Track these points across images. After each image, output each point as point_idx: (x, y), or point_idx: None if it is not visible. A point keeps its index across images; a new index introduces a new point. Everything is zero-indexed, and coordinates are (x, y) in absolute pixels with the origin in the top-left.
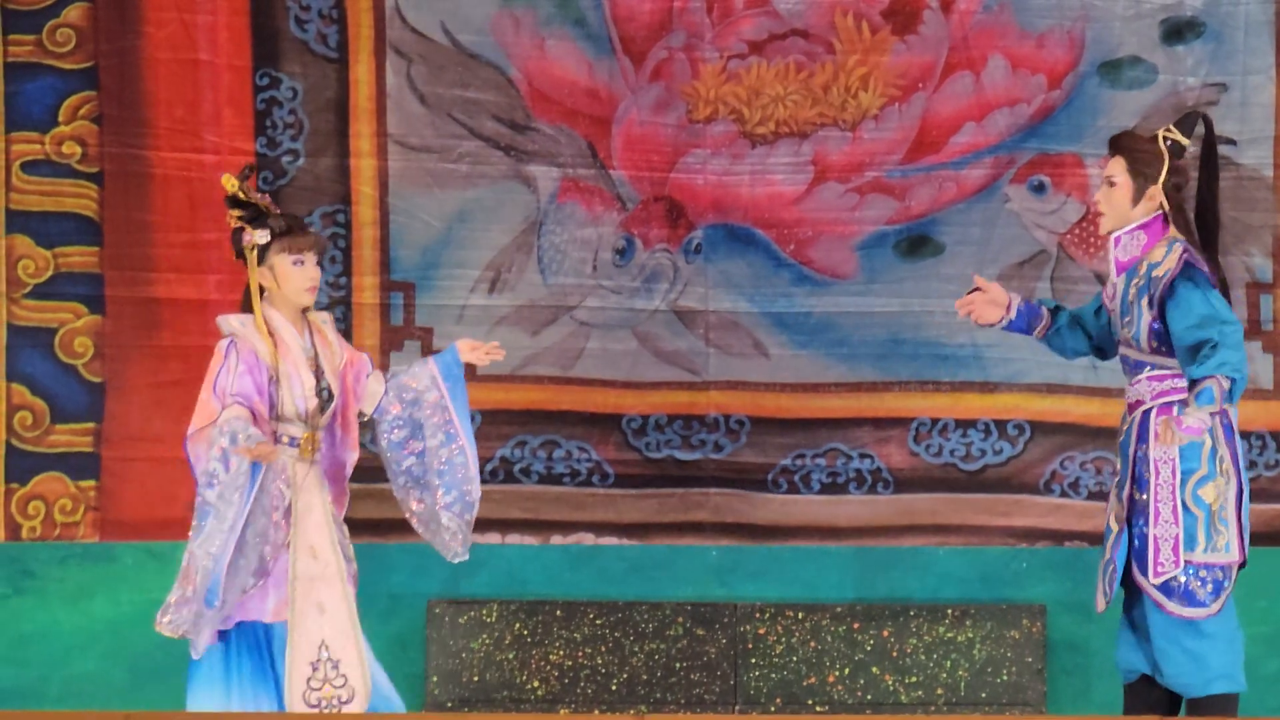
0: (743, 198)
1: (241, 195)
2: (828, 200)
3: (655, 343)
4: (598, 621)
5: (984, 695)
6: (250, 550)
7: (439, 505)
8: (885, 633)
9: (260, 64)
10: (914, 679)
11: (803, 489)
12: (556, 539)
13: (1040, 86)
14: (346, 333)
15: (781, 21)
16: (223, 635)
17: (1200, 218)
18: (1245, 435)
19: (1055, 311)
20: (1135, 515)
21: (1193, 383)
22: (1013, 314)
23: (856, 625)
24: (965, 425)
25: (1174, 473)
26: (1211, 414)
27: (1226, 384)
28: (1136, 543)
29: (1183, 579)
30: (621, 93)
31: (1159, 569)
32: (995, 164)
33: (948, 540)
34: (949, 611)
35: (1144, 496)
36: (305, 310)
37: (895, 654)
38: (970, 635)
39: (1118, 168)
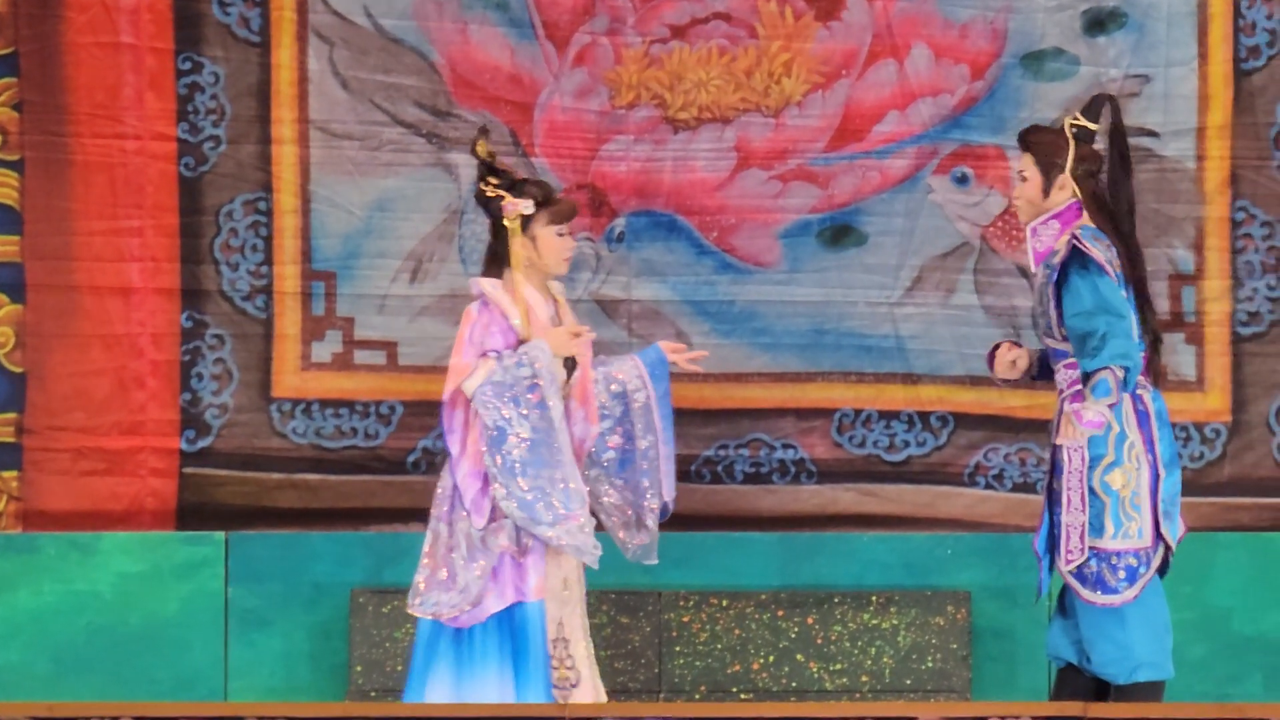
0: (665, 184)
1: (494, 161)
2: (750, 187)
3: None
4: None
5: (909, 682)
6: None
7: (645, 508)
8: (810, 620)
9: (182, 48)
10: (839, 666)
11: (726, 479)
12: None
13: (963, 77)
14: (268, 321)
15: (704, 5)
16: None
17: (1114, 201)
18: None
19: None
20: (1054, 503)
21: (1086, 376)
22: (1035, 370)
23: (781, 612)
24: (888, 416)
25: (1083, 460)
26: (1110, 405)
27: (1120, 373)
28: (1056, 530)
29: (1094, 566)
30: (544, 78)
31: (1069, 556)
32: (918, 154)
33: (872, 531)
34: (873, 598)
35: (1058, 483)
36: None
37: (820, 641)
38: (895, 622)
39: (1026, 162)
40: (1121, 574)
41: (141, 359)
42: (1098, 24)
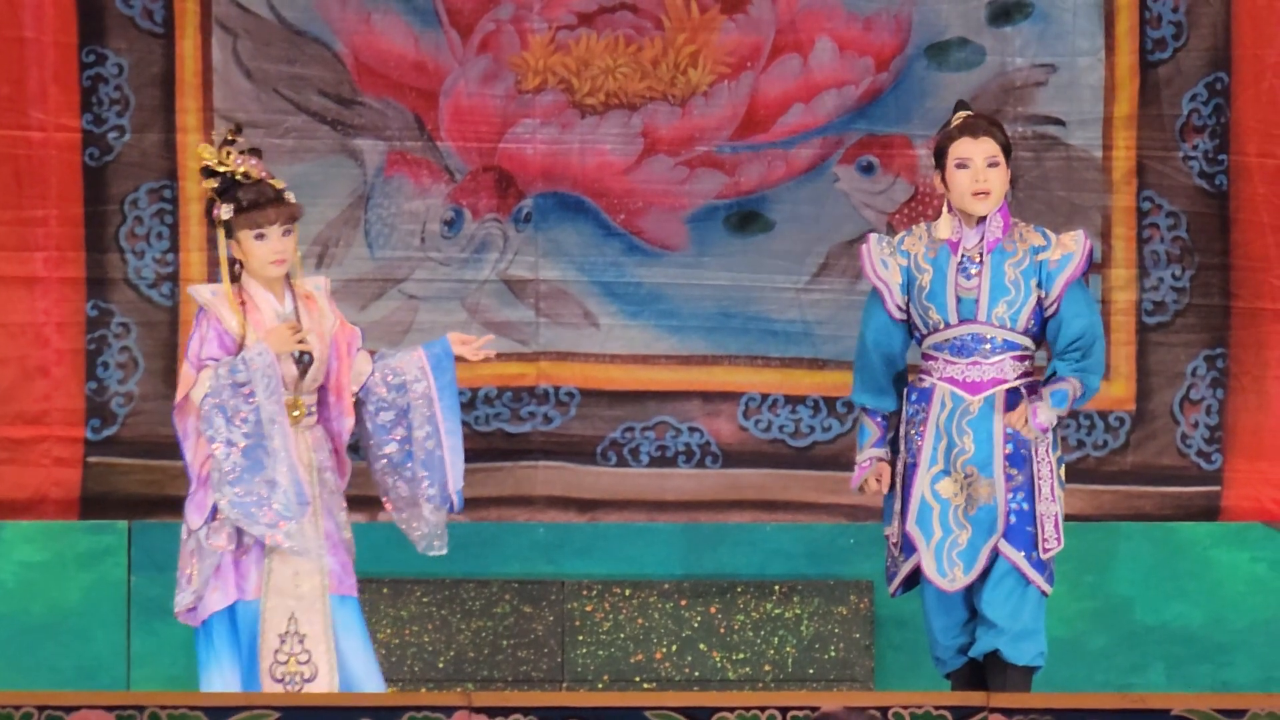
0: (572, 167)
1: (215, 165)
2: (658, 172)
3: (485, 314)
4: (424, 599)
5: (812, 671)
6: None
7: (422, 497)
8: (712, 609)
9: (86, 40)
10: (741, 655)
11: (631, 462)
12: (384, 516)
13: (868, 68)
14: (174, 308)
15: None
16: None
17: None
18: (1073, 415)
19: (889, 413)
20: (1012, 490)
21: (1050, 377)
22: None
23: (684, 602)
24: (794, 401)
25: (1048, 451)
26: (1059, 416)
27: (1079, 391)
28: (1014, 519)
29: (1052, 556)
30: (449, 65)
31: (1046, 545)
32: (824, 144)
33: (775, 516)
34: (776, 588)
35: (1019, 473)
36: (290, 278)
37: (723, 630)
38: (798, 611)
39: (996, 148)
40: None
41: (47, 348)
42: (1003, 14)
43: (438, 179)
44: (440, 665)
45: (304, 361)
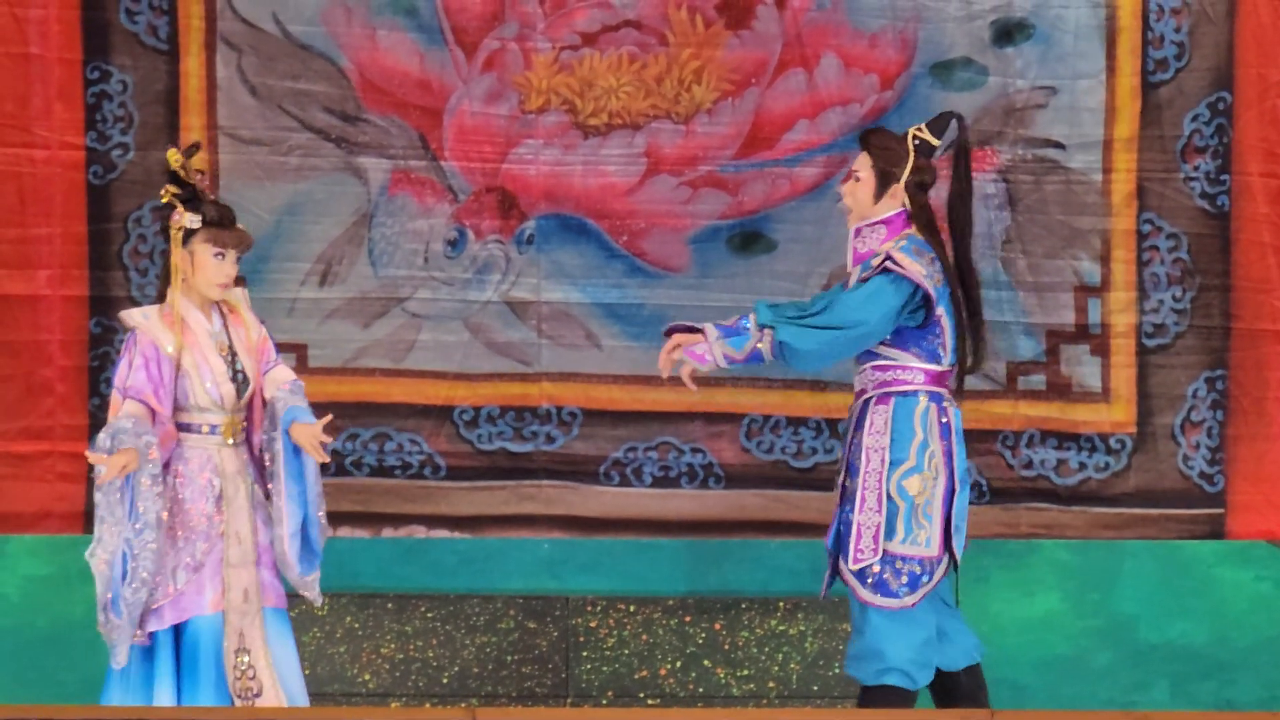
0: (575, 188)
1: (182, 173)
2: (660, 193)
3: (487, 334)
4: (429, 614)
5: (816, 688)
6: (182, 550)
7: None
8: (717, 625)
9: (91, 57)
10: (746, 672)
11: (634, 482)
12: (388, 532)
13: (873, 86)
14: None
15: (614, 13)
16: (152, 637)
17: (953, 218)
18: (1074, 438)
19: (750, 314)
20: (844, 501)
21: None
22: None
23: (688, 618)
24: (797, 423)
25: (882, 461)
26: (726, 356)
27: (769, 344)
28: (841, 529)
29: (878, 568)
30: (453, 83)
31: (858, 556)
32: (828, 163)
33: (779, 537)
34: (781, 604)
35: (853, 483)
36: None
37: (727, 647)
38: (802, 628)
39: (863, 163)
40: (904, 579)
41: (50, 365)
42: (1005, 34)
43: (441, 199)
44: (445, 681)
45: (239, 380)
